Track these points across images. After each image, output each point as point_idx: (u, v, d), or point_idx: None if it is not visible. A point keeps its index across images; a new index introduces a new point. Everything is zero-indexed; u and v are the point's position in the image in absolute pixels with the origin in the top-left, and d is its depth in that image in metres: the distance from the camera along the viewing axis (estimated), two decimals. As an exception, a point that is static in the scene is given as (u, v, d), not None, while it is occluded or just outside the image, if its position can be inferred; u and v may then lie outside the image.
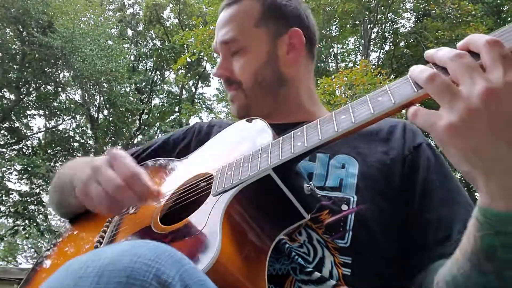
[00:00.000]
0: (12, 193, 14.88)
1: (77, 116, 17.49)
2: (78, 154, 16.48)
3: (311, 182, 0.78)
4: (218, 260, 0.59)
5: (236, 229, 0.70)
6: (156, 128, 19.34)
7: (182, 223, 0.74)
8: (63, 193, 1.01)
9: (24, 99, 15.78)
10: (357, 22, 14.83)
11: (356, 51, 16.89)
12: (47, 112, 16.43)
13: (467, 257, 0.62)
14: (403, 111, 0.64)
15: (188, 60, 14.72)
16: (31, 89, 15.79)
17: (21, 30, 14.48)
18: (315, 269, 0.79)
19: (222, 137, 0.99)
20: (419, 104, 0.63)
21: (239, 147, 0.86)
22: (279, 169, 0.71)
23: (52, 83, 15.81)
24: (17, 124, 16.16)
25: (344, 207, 0.86)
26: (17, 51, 14.81)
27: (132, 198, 0.77)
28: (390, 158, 0.93)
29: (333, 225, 0.84)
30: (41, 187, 15.08)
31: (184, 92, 20.26)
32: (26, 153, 15.58)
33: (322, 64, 15.05)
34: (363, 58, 13.40)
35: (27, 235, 15.78)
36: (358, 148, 0.95)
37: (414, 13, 15.12)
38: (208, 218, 0.69)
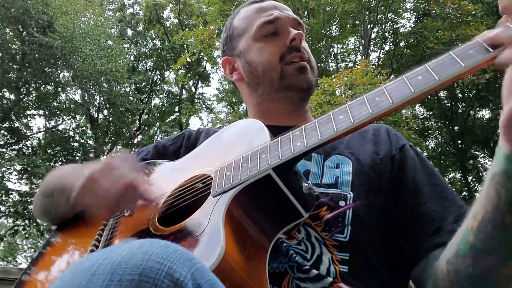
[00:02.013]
0: (12, 193, 14.87)
1: (77, 116, 17.49)
2: (78, 154, 16.49)
3: (309, 182, 0.79)
4: (223, 259, 0.60)
5: (238, 229, 0.70)
6: (156, 128, 19.36)
7: (182, 224, 0.74)
8: (51, 198, 1.02)
9: (24, 99, 15.77)
10: (357, 22, 14.83)
11: (356, 51, 16.89)
12: (47, 112, 16.43)
13: (488, 218, 0.66)
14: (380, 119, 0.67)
15: (188, 60, 14.73)
16: (31, 89, 15.79)
17: (21, 30, 14.47)
18: (312, 266, 0.80)
19: (217, 138, 0.98)
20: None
21: (236, 148, 0.86)
22: (279, 169, 0.72)
23: (52, 83, 15.80)
24: (17, 124, 16.16)
25: (342, 203, 0.89)
26: (17, 51, 14.81)
27: (129, 206, 0.82)
28: (380, 157, 0.98)
29: (332, 221, 0.86)
30: (41, 187, 15.05)
31: (184, 92, 20.27)
32: (26, 153, 15.57)
33: (322, 64, 15.05)
34: (363, 58, 13.40)
35: (27, 235, 15.79)
36: (351, 149, 0.99)
37: (414, 13, 15.11)
38: (209, 219, 0.70)
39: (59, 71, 15.68)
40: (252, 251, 0.71)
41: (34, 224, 14.60)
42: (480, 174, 16.41)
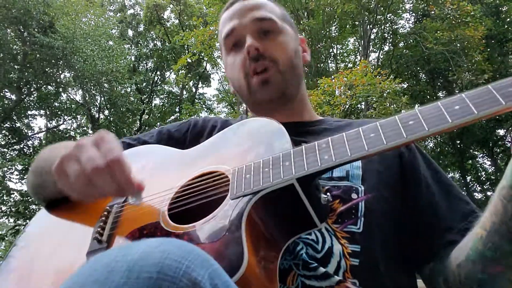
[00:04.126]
0: (13, 193, 14.92)
1: (78, 116, 17.58)
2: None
3: (327, 194, 0.79)
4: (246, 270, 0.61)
5: (254, 234, 0.70)
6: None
7: (198, 224, 0.72)
8: (41, 175, 0.96)
9: (25, 99, 15.82)
10: (357, 22, 14.88)
11: (356, 52, 16.96)
12: (48, 112, 16.49)
13: (495, 229, 0.69)
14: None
15: (189, 60, 14.78)
16: (32, 89, 15.84)
17: (22, 30, 14.52)
18: (323, 259, 0.80)
19: (232, 133, 0.94)
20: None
21: (254, 148, 0.83)
22: (302, 180, 0.71)
23: (53, 84, 15.86)
24: (18, 124, 16.22)
25: (354, 195, 0.89)
26: (18, 51, 14.85)
27: (109, 185, 0.71)
28: (388, 154, 0.99)
29: (345, 213, 0.87)
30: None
31: (184, 92, 20.33)
32: (27, 153, 15.63)
33: (321, 65, 15.11)
34: (362, 58, 13.45)
35: (28, 235, 15.79)
36: None
37: (414, 14, 15.19)
38: (229, 223, 0.69)
39: (60, 72, 15.73)
40: (265, 255, 0.71)
41: (35, 224, 14.63)
42: (479, 173, 16.47)
